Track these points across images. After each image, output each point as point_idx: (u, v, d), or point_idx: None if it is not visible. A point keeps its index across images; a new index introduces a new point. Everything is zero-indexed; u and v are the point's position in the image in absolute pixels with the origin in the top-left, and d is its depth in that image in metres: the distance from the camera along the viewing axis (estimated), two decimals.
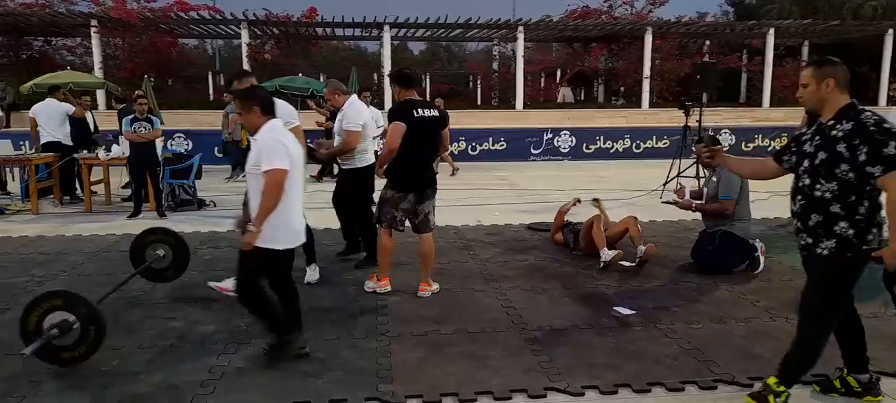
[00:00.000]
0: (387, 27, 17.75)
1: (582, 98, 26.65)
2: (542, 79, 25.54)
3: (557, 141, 16.13)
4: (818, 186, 2.68)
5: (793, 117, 18.81)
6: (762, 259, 5.29)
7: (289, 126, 4.06)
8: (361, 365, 3.35)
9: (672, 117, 18.57)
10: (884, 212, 2.62)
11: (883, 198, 2.61)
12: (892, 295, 2.80)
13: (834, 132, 2.66)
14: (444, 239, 6.45)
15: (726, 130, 16.79)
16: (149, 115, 7.62)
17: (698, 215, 5.71)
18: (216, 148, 12.94)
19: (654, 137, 16.40)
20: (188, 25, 17.56)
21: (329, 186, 6.62)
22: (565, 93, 25.60)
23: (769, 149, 16.73)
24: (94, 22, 16.28)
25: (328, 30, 18.98)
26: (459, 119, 15.64)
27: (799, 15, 21.64)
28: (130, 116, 7.60)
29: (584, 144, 16.22)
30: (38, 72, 15.37)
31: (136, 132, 7.45)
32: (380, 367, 3.34)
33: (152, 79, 18.62)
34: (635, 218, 5.75)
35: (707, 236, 5.42)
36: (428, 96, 26.28)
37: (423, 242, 4.61)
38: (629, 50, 19.76)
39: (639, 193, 9.61)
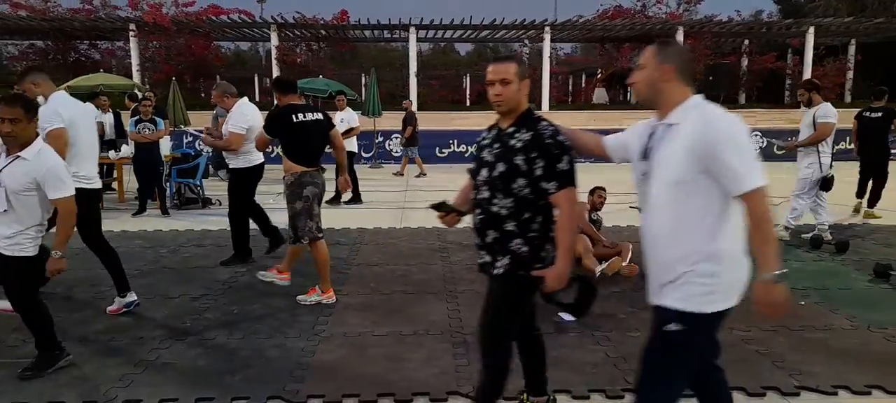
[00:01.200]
0: (412, 29, 17.90)
1: (621, 99, 26.24)
2: (571, 80, 25.26)
3: None
4: (495, 200, 2.44)
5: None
6: None
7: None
8: (280, 365, 3.46)
9: None
10: None
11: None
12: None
13: (513, 141, 2.42)
14: (424, 241, 6.52)
15: (757, 133, 16.27)
16: (154, 116, 7.94)
17: None
18: None
19: None
20: (221, 29, 18.11)
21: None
22: (600, 94, 25.27)
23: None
24: (132, 26, 16.98)
25: (356, 32, 19.25)
26: (481, 120, 15.65)
27: (846, 12, 20.77)
28: (136, 117, 7.94)
29: None
30: (82, 73, 16.16)
31: (140, 132, 7.78)
32: (298, 367, 3.43)
33: (187, 80, 19.36)
34: (629, 246, 5.63)
35: None
36: (467, 98, 26.32)
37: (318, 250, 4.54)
38: None
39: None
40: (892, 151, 9.69)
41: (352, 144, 9.03)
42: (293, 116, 4.39)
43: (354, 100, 14.74)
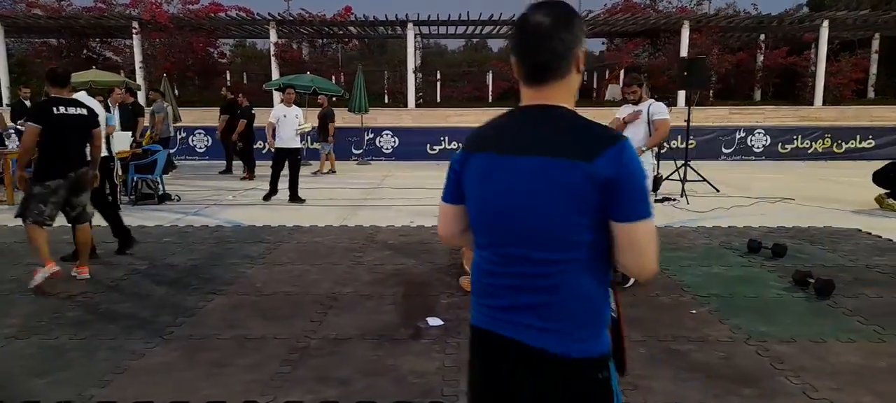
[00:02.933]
0: (411, 25, 17.78)
1: None
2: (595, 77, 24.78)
3: None
4: None
5: (845, 117, 17.35)
6: None
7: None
8: (103, 367, 3.39)
9: (707, 116, 17.61)
10: None
11: None
12: None
13: None
14: (349, 240, 6.42)
15: (761, 130, 15.70)
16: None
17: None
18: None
19: (680, 137, 15.55)
20: (221, 26, 18.31)
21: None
22: (612, 91, 24.75)
23: (810, 151, 15.52)
24: (134, 24, 17.30)
25: (354, 28, 19.24)
26: (479, 117, 15.48)
27: (869, 5, 19.83)
28: None
29: None
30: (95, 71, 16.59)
31: None
32: (116, 369, 3.37)
33: (193, 78, 19.63)
34: None
35: None
36: (490, 94, 25.98)
37: (80, 232, 4.95)
38: (669, 45, 18.83)
39: None
40: None
41: (295, 142, 8.94)
42: (54, 109, 4.64)
43: (340, 95, 14.74)
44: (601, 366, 1.44)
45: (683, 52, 17.84)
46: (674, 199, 9.07)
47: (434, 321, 4.09)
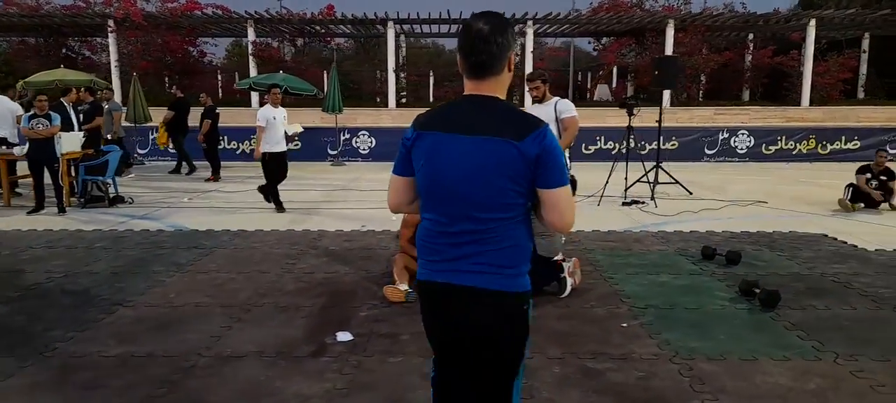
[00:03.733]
0: (391, 23, 17.50)
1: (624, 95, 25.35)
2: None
3: None
4: None
5: (832, 117, 17.07)
6: (570, 281, 4.64)
7: None
8: None
9: (692, 116, 17.33)
10: None
11: None
12: None
13: None
14: (289, 247, 6.15)
15: (744, 131, 15.42)
16: (49, 112, 7.76)
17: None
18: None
19: (661, 138, 15.26)
20: (198, 24, 18.01)
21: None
22: (602, 91, 24.49)
23: (794, 152, 15.24)
24: (110, 22, 17.02)
25: (335, 27, 18.97)
26: None
27: (860, 4, 19.54)
28: (30, 112, 7.77)
29: (584, 145, 15.39)
30: (72, 69, 16.30)
31: (33, 128, 7.61)
32: None
33: (172, 76, 19.33)
34: None
35: None
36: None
37: None
38: (656, 45, 18.55)
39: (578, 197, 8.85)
40: None
41: (282, 144, 8.02)
42: None
43: (313, 94, 14.46)
44: (524, 300, 1.86)
45: (668, 52, 17.58)
46: (642, 202, 8.79)
47: (343, 336, 3.82)
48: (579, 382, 3.26)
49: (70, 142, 8.52)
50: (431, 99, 20.95)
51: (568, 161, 5.24)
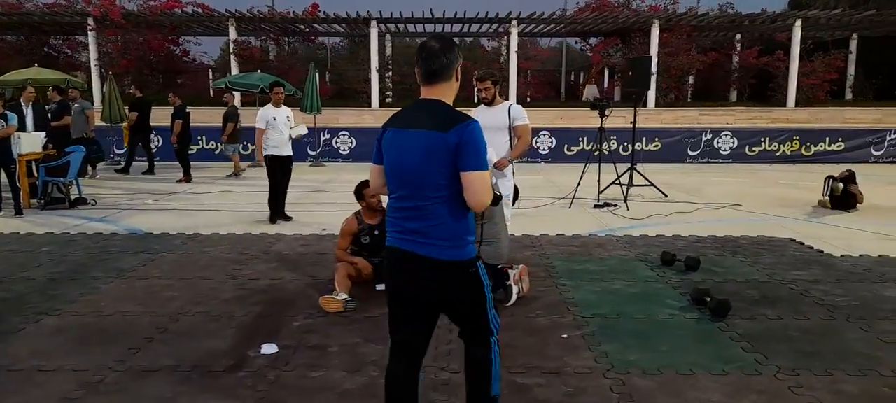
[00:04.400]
0: (374, 23, 17.35)
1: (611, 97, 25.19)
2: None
3: (537, 142, 15.26)
4: None
5: (817, 119, 16.97)
6: (516, 289, 4.48)
7: None
8: None
9: (676, 117, 17.21)
10: None
11: None
12: None
13: None
14: (241, 252, 5.99)
15: (728, 132, 15.30)
16: (4, 112, 7.59)
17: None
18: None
19: (645, 139, 15.16)
20: (178, 23, 17.83)
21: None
22: (590, 91, 24.34)
23: (778, 153, 15.12)
24: (89, 20, 16.84)
25: (318, 26, 18.80)
26: None
27: (847, 5, 19.43)
28: None
29: (566, 146, 15.28)
30: (52, 68, 16.13)
31: None
32: None
33: (148, 75, 19.11)
34: None
35: None
36: (476, 94, 25.57)
37: None
38: (642, 45, 18.40)
39: (550, 200, 8.75)
40: None
41: (287, 148, 7.45)
42: None
43: (292, 94, 14.28)
44: (468, 266, 2.28)
45: (654, 52, 17.46)
46: (614, 205, 8.65)
47: (268, 348, 3.66)
48: (504, 398, 3.10)
49: (30, 143, 8.36)
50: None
51: (513, 169, 5.11)
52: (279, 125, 7.25)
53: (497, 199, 2.91)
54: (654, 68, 17.17)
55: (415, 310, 2.37)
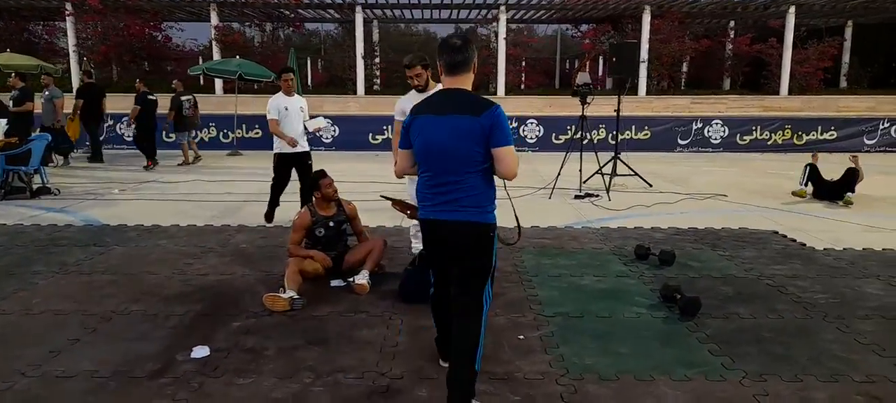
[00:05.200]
0: (358, 8, 17.00)
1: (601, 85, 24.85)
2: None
3: (524, 130, 14.98)
4: None
5: (810, 107, 16.70)
6: None
7: None
8: None
9: (667, 105, 16.93)
10: None
11: None
12: None
13: None
14: (197, 245, 5.72)
15: (718, 121, 15.02)
16: None
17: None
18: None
19: (634, 127, 14.88)
20: (166, 8, 17.45)
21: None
22: (582, 79, 23.95)
23: (769, 142, 14.86)
24: (68, 6, 16.46)
25: (303, 11, 18.44)
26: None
27: None
28: None
29: (553, 135, 14.98)
30: (36, 56, 15.75)
31: None
32: None
33: (144, 65, 18.75)
34: (384, 242, 4.81)
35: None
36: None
37: None
38: (635, 32, 18.08)
39: (532, 190, 8.46)
40: None
41: (303, 142, 6.48)
42: None
43: (271, 80, 13.97)
44: (488, 229, 2.72)
45: (644, 41, 17.16)
46: (596, 196, 8.39)
47: (200, 351, 3.41)
48: None
49: None
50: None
51: None
52: (291, 116, 6.25)
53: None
54: (644, 55, 17.02)
55: (447, 262, 2.83)
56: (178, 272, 4.85)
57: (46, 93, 10.58)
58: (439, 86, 4.68)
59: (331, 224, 4.65)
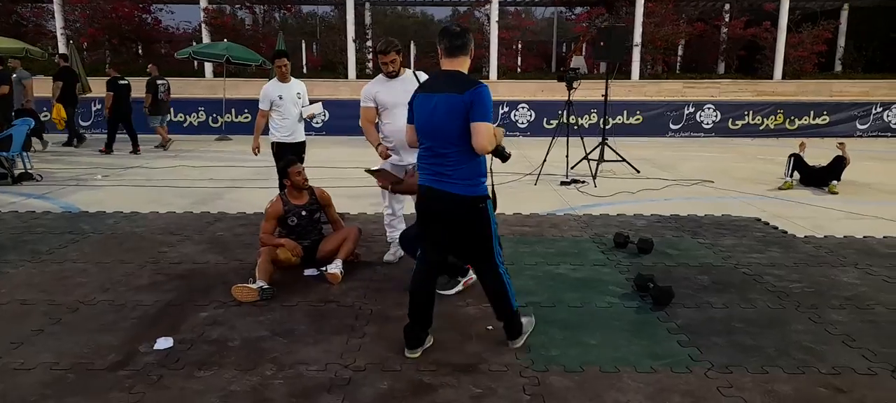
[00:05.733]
0: None
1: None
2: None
3: (515, 115, 14.90)
4: None
5: (804, 92, 16.59)
6: (459, 287, 4.19)
7: None
8: None
9: (660, 90, 16.82)
10: None
11: None
12: None
13: None
14: (176, 233, 5.67)
15: (711, 105, 14.94)
16: None
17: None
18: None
19: (626, 112, 14.80)
20: None
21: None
22: (577, 63, 23.85)
23: (761, 127, 14.80)
24: None
25: None
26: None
27: None
28: None
29: (545, 119, 14.90)
30: (22, 38, 15.57)
31: None
32: None
33: (136, 47, 18.55)
34: (359, 230, 4.77)
35: None
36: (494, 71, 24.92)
37: None
38: (629, 14, 17.92)
39: (518, 176, 8.42)
40: None
41: (299, 131, 6.09)
42: None
43: (260, 64, 13.85)
44: (480, 201, 3.02)
45: (638, 24, 17.02)
46: (582, 182, 8.34)
47: (163, 342, 3.38)
48: (403, 398, 2.83)
49: None
50: (412, 68, 20.31)
51: None
52: (287, 104, 5.80)
53: (504, 156, 3.16)
54: (638, 39, 16.89)
55: (437, 232, 3.13)
56: (151, 260, 4.81)
57: (14, 74, 10.48)
58: (408, 72, 4.65)
59: (303, 212, 4.60)
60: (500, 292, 3.17)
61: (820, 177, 7.95)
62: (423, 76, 4.60)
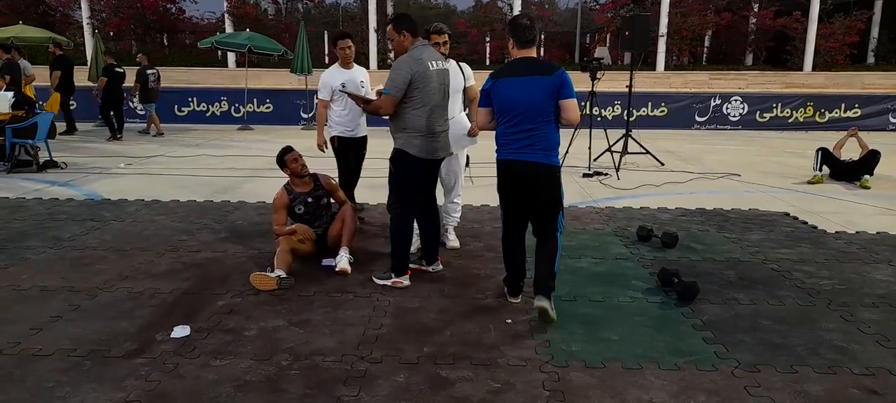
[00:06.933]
0: None
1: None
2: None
3: None
4: None
5: (835, 84, 16.18)
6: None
7: None
8: None
9: (686, 81, 16.54)
10: None
11: None
12: None
13: None
14: (195, 221, 5.69)
15: (738, 97, 14.63)
16: None
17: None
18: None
19: (650, 104, 14.57)
20: None
21: None
22: (601, 53, 23.54)
23: (790, 120, 14.46)
24: None
25: None
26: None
27: None
28: None
29: None
30: (49, 28, 15.82)
31: None
32: None
33: (160, 36, 18.72)
34: (352, 208, 4.72)
35: None
36: (487, 57, 24.84)
37: None
38: (655, 5, 17.62)
39: None
40: None
41: (361, 126, 5.33)
42: None
43: (282, 54, 13.87)
44: (557, 170, 3.48)
45: (664, 14, 16.72)
46: (605, 174, 8.21)
47: (181, 330, 3.36)
48: (418, 396, 2.77)
49: None
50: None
51: (468, 158, 4.83)
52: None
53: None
54: (663, 29, 16.59)
55: (519, 199, 3.53)
56: (170, 248, 4.81)
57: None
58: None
59: (309, 199, 4.57)
60: (553, 254, 3.50)
61: (851, 172, 7.72)
62: (468, 68, 4.56)
